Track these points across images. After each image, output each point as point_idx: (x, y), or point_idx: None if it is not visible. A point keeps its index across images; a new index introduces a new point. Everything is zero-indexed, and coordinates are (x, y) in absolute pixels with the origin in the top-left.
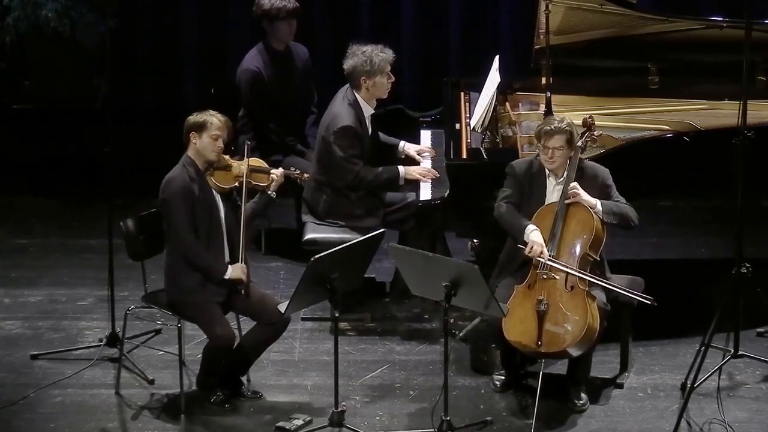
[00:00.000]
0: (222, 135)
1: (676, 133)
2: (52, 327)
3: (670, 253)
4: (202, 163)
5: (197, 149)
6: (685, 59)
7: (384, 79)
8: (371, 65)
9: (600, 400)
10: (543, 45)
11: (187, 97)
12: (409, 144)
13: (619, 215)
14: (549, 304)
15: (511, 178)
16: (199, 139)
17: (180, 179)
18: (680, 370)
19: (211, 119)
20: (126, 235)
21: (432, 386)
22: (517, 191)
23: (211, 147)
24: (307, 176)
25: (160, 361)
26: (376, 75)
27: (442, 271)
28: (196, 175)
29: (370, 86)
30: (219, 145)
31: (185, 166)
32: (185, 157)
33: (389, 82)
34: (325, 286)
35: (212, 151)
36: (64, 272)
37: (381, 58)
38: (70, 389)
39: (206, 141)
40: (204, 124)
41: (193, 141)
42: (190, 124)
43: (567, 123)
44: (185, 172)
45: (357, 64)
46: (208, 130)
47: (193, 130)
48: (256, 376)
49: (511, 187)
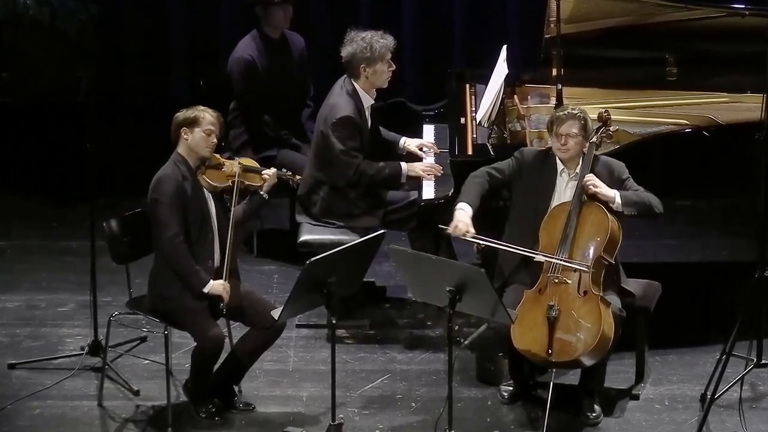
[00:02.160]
0: (215, 130)
1: (695, 127)
2: (30, 334)
3: (689, 255)
4: (194, 160)
5: (189, 146)
6: (704, 49)
7: (384, 66)
8: (371, 52)
9: (614, 412)
10: (554, 34)
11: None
12: (410, 139)
13: (640, 204)
14: (560, 310)
15: (514, 162)
16: (191, 134)
17: (172, 178)
18: (700, 381)
19: (203, 114)
20: (109, 236)
21: (435, 398)
22: (509, 175)
23: (205, 143)
24: (299, 178)
25: (146, 371)
26: (377, 62)
27: (446, 275)
28: (188, 173)
29: (370, 74)
30: (213, 141)
31: (176, 164)
32: (176, 155)
33: (390, 71)
34: (322, 290)
35: (206, 147)
36: (43, 276)
37: (381, 45)
38: (50, 401)
39: (199, 136)
40: (196, 119)
41: (185, 137)
42: (180, 120)
43: (581, 110)
44: (177, 170)
45: (356, 51)
46: (200, 125)
47: (184, 126)
48: (249, 387)
49: (506, 167)
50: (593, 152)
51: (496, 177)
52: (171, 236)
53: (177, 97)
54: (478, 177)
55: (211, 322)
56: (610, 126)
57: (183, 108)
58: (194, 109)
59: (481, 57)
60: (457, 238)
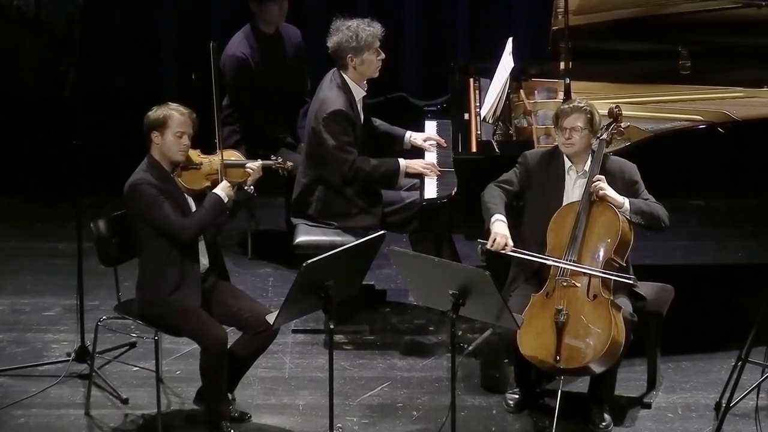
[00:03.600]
0: (186, 131)
1: (709, 124)
2: (14, 340)
3: (703, 257)
4: (168, 164)
5: (161, 150)
6: (719, 42)
7: (373, 56)
8: (357, 41)
9: (625, 421)
10: (561, 26)
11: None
12: (415, 134)
13: (648, 215)
14: (569, 315)
15: (520, 168)
16: (161, 138)
17: (146, 181)
18: (714, 388)
19: (172, 113)
20: (97, 237)
21: (438, 406)
22: (519, 182)
23: (177, 146)
24: (290, 164)
25: (135, 378)
26: (364, 51)
27: (449, 278)
28: (161, 178)
29: (358, 65)
30: (185, 143)
31: (148, 170)
32: (148, 159)
33: (379, 60)
34: (319, 294)
35: (178, 150)
36: (28, 279)
37: (368, 33)
38: (35, 409)
39: (170, 140)
40: (164, 120)
41: (156, 141)
42: (150, 122)
43: (587, 103)
44: (149, 176)
45: (341, 41)
46: (170, 127)
47: (153, 129)
48: (242, 395)
49: (514, 176)
50: (603, 150)
51: (509, 190)
52: (180, 227)
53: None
54: (493, 189)
55: (211, 321)
56: (621, 122)
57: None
58: (163, 107)
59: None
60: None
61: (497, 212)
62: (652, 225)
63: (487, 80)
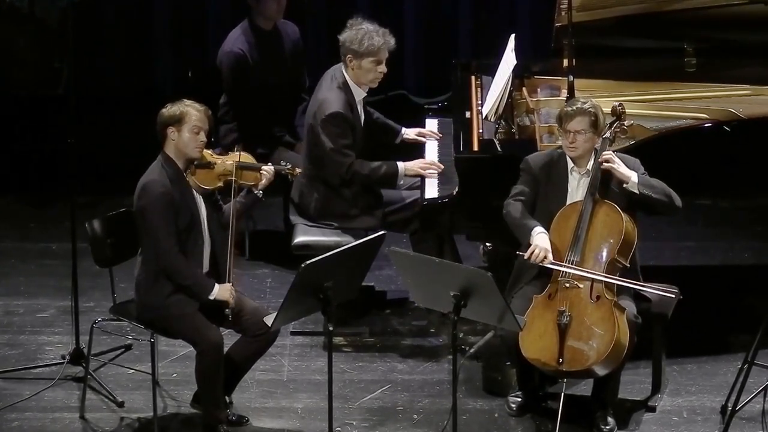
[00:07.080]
0: (203, 126)
1: (715, 122)
2: (7, 342)
3: (710, 258)
4: (183, 161)
5: (176, 146)
6: (725, 39)
7: (372, 65)
8: (360, 45)
9: (629, 425)
10: (565, 22)
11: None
12: (409, 129)
13: (660, 189)
14: (572, 317)
15: (525, 175)
16: (178, 134)
17: (159, 183)
18: (720, 391)
19: (189, 110)
20: (91, 238)
21: (439, 409)
22: (531, 189)
23: (193, 143)
24: (299, 170)
25: (131, 381)
26: (362, 58)
27: (451, 279)
28: (176, 176)
29: (355, 68)
30: (201, 140)
31: (163, 167)
32: (162, 156)
33: (379, 71)
34: (318, 296)
35: (194, 147)
36: (21, 280)
37: (375, 42)
38: (29, 413)
39: (186, 136)
40: (182, 116)
41: (171, 137)
42: (166, 118)
43: (591, 104)
44: (164, 173)
45: (347, 39)
46: (186, 123)
47: (169, 125)
48: (240, 398)
49: (524, 185)
50: (606, 148)
51: (526, 201)
52: (167, 249)
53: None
54: (515, 204)
55: (207, 324)
56: (625, 120)
57: (168, 102)
58: (179, 104)
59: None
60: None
61: (537, 224)
62: (663, 201)
63: (489, 78)
